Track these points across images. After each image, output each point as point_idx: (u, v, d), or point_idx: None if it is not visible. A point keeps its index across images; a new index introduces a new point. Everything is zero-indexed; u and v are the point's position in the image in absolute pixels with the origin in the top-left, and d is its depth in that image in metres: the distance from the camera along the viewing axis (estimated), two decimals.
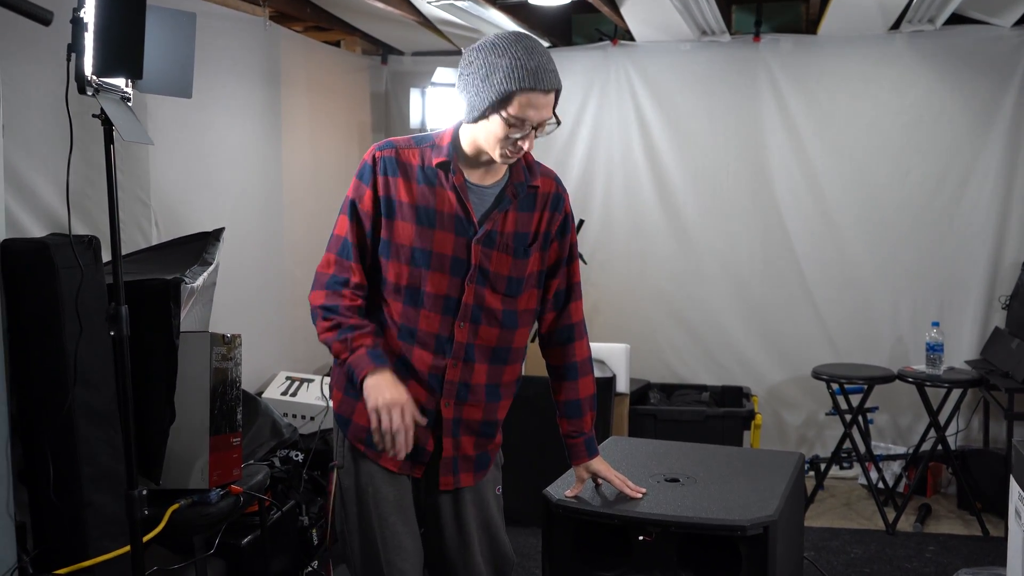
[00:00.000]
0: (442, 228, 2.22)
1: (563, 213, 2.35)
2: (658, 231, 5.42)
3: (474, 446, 2.34)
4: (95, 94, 2.13)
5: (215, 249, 3.09)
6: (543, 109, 2.10)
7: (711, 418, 4.75)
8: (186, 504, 2.73)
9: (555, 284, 2.40)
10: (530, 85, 2.04)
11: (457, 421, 2.29)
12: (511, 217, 2.26)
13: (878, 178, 5.13)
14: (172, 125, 3.65)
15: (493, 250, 2.24)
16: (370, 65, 5.66)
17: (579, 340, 2.43)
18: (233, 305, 4.00)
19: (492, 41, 2.10)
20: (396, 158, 2.21)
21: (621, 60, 5.38)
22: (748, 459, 2.88)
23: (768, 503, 2.38)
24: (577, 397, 2.42)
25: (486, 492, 2.39)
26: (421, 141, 2.26)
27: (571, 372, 2.43)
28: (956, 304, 5.07)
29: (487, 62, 2.07)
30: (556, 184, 2.35)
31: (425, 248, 2.21)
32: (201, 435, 2.80)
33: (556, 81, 2.10)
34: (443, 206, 2.21)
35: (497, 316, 2.28)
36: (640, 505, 2.38)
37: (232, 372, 2.96)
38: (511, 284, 2.28)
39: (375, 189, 2.21)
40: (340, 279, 2.23)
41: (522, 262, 2.29)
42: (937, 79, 5.02)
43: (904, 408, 5.14)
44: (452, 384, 2.27)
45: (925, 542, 4.32)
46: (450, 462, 2.31)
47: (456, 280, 2.23)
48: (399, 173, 2.21)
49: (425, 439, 2.27)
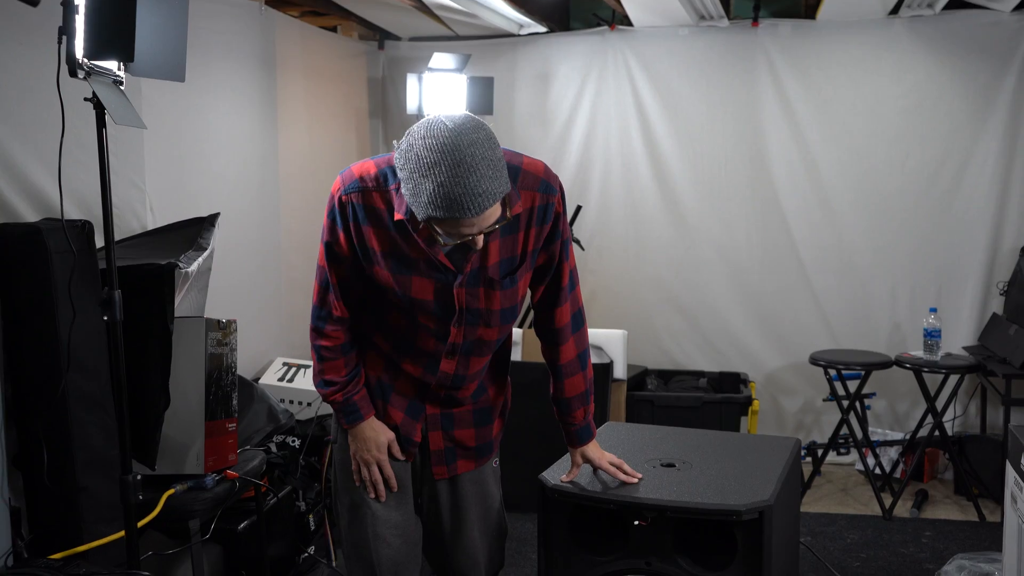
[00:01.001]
0: (419, 274, 2.10)
1: (552, 218, 2.14)
2: (656, 217, 5.41)
3: (475, 437, 2.34)
4: (86, 77, 2.12)
5: (210, 234, 3.08)
6: (482, 223, 1.91)
7: (708, 404, 4.75)
8: (181, 489, 2.73)
9: (541, 289, 2.30)
10: (456, 215, 1.84)
11: (447, 416, 2.29)
12: (494, 246, 2.10)
13: (876, 163, 5.11)
14: (167, 109, 3.63)
15: (478, 288, 2.14)
16: (367, 50, 5.63)
17: (564, 343, 2.34)
18: (229, 291, 3.99)
19: (417, 152, 1.85)
20: (363, 204, 2.06)
21: (619, 45, 5.36)
22: (744, 444, 2.87)
23: (764, 488, 2.38)
24: (564, 396, 2.38)
25: (483, 466, 2.40)
26: (388, 180, 2.06)
27: (557, 373, 2.38)
28: (954, 290, 5.07)
29: (413, 180, 1.86)
30: (541, 193, 2.11)
31: (406, 294, 2.13)
32: (196, 420, 2.79)
33: (489, 201, 1.85)
34: (416, 254, 2.08)
35: (491, 346, 2.27)
36: (636, 490, 2.37)
37: (227, 358, 2.96)
38: (504, 315, 2.22)
39: (348, 234, 2.10)
40: (323, 314, 2.22)
41: (511, 291, 2.19)
42: (936, 64, 5.00)
43: (901, 394, 5.15)
44: (437, 395, 2.28)
45: (921, 527, 4.32)
46: (442, 454, 2.30)
47: (443, 322, 2.17)
48: (368, 221, 2.07)
49: (412, 430, 2.27)
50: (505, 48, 5.53)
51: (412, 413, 2.28)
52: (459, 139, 1.83)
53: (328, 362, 2.22)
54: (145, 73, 2.28)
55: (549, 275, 2.26)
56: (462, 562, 2.36)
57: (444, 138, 1.83)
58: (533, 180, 2.11)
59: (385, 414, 2.28)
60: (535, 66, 5.49)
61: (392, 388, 2.28)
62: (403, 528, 2.29)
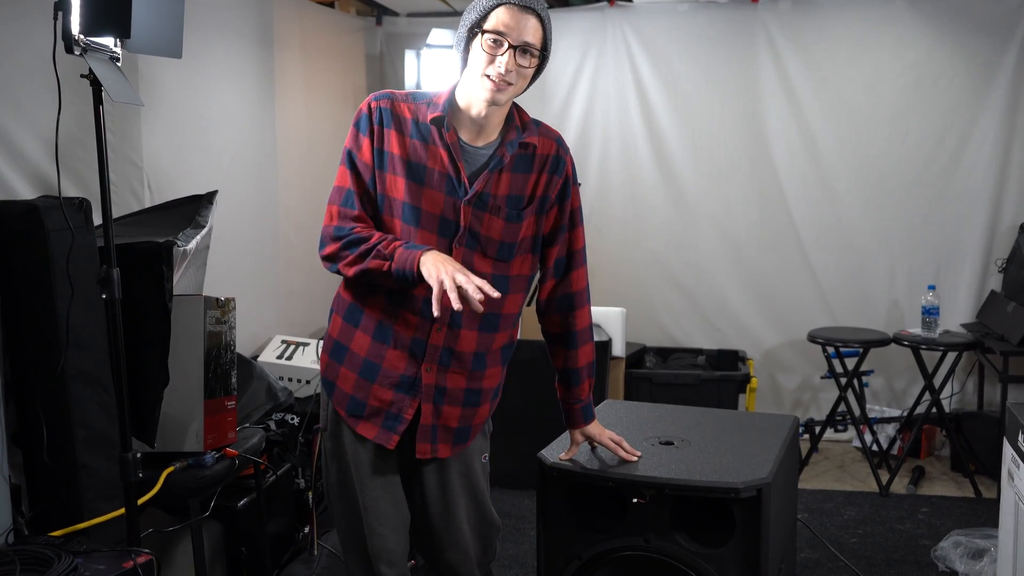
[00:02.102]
0: (431, 186, 2.17)
1: (564, 176, 2.28)
2: (654, 195, 5.40)
3: (459, 418, 2.30)
4: (83, 54, 2.10)
5: (208, 212, 3.06)
6: (523, 30, 2.09)
7: (706, 381, 4.76)
8: (181, 467, 2.72)
9: (554, 252, 2.34)
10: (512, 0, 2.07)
11: (439, 389, 2.26)
12: (505, 179, 2.20)
13: (876, 140, 5.10)
14: (164, 86, 3.61)
15: (484, 212, 2.20)
16: (364, 26, 5.59)
17: (580, 309, 2.38)
18: (228, 268, 3.98)
19: None
20: (392, 109, 2.18)
21: (618, 21, 5.33)
22: (743, 422, 2.88)
23: (762, 466, 2.39)
24: (576, 366, 2.40)
25: (472, 461, 2.37)
26: (418, 97, 2.22)
27: (571, 341, 2.39)
28: (952, 267, 5.07)
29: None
30: (557, 146, 2.28)
31: (415, 205, 2.17)
32: (195, 398, 2.78)
33: (538, 3, 2.11)
34: (434, 163, 2.17)
35: (487, 280, 2.23)
36: (634, 467, 2.38)
37: (226, 335, 2.95)
38: (502, 248, 2.24)
39: (372, 139, 2.18)
40: (343, 224, 2.18)
41: (515, 226, 2.23)
42: (936, 40, 4.98)
43: (899, 371, 5.16)
44: (435, 348, 2.23)
45: (918, 504, 4.35)
46: (428, 430, 2.26)
47: (444, 241, 2.19)
48: (392, 125, 2.17)
49: (404, 405, 2.25)
50: None
51: (404, 388, 2.24)
52: None
53: (367, 233, 2.15)
54: (142, 50, 2.26)
55: (562, 236, 2.32)
56: (453, 556, 2.35)
57: None
58: (550, 132, 2.31)
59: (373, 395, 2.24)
60: None
61: (379, 368, 2.23)
62: (393, 518, 2.29)
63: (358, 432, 2.27)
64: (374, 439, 2.26)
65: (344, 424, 2.29)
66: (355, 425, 2.27)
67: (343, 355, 2.29)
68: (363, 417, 2.26)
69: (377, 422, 2.26)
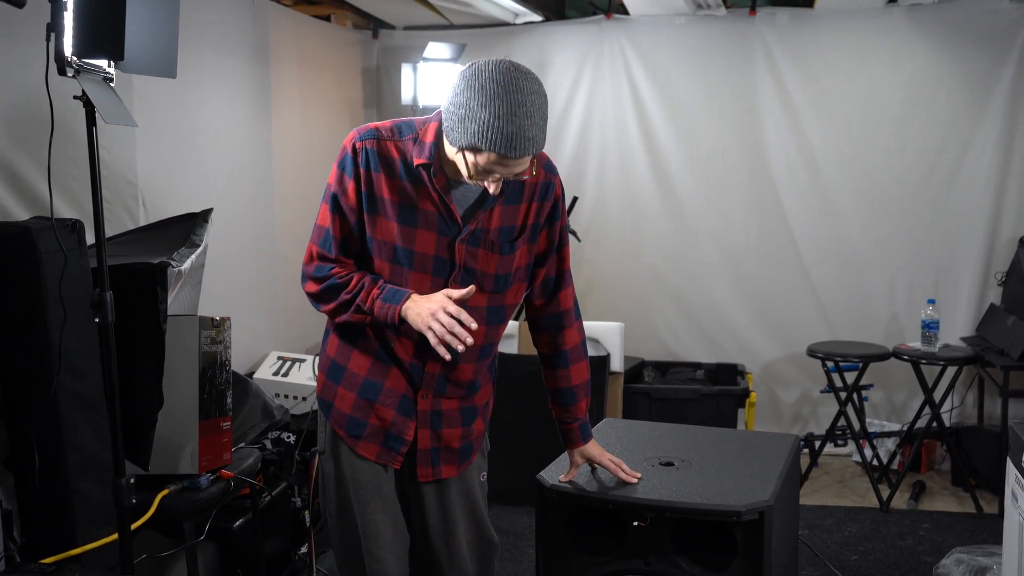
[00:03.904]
0: (424, 227, 2.13)
1: (552, 199, 2.24)
2: (652, 208, 5.37)
3: (460, 437, 2.30)
4: (75, 75, 2.08)
5: (203, 230, 3.04)
6: (514, 167, 1.99)
7: (705, 396, 4.73)
8: (176, 490, 2.70)
9: (543, 272, 2.32)
10: (500, 151, 1.92)
11: (436, 414, 2.26)
12: (497, 211, 2.16)
13: (875, 153, 5.08)
14: (159, 103, 3.59)
15: (479, 248, 2.17)
16: (361, 40, 5.57)
17: (569, 328, 2.38)
18: (224, 286, 3.96)
19: (482, 82, 1.92)
20: (378, 151, 2.10)
21: (615, 34, 5.31)
22: (744, 442, 2.85)
23: (764, 488, 2.36)
24: (569, 385, 2.39)
25: (471, 479, 2.36)
26: (403, 132, 2.13)
27: (562, 360, 2.38)
28: (952, 281, 5.04)
29: (468, 106, 1.92)
30: (545, 171, 2.21)
31: (407, 247, 2.14)
32: (190, 420, 2.76)
33: (532, 148, 1.95)
34: (425, 204, 2.12)
35: (482, 314, 2.22)
36: (635, 490, 2.35)
37: (221, 355, 2.92)
38: (498, 281, 2.22)
39: (358, 182, 2.12)
40: (322, 265, 2.18)
41: (508, 258, 2.21)
42: (935, 53, 4.96)
43: (899, 385, 5.13)
44: (432, 376, 2.24)
45: (919, 519, 4.32)
46: (428, 454, 2.26)
47: (439, 281, 2.17)
48: (381, 168, 2.10)
49: (404, 428, 2.24)
50: (500, 37, 5.47)
51: (404, 410, 2.24)
52: (527, 83, 1.94)
53: (345, 279, 2.14)
54: (136, 70, 2.24)
55: (550, 257, 2.31)
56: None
57: (513, 77, 1.93)
58: (540, 158, 2.19)
59: (375, 415, 2.24)
60: (531, 56, 5.40)
61: (381, 387, 2.23)
62: (392, 542, 2.26)
63: (359, 452, 2.25)
64: (376, 459, 2.25)
65: (343, 445, 2.26)
66: (355, 445, 2.25)
67: (341, 375, 2.27)
68: (363, 437, 2.25)
69: (377, 442, 2.25)
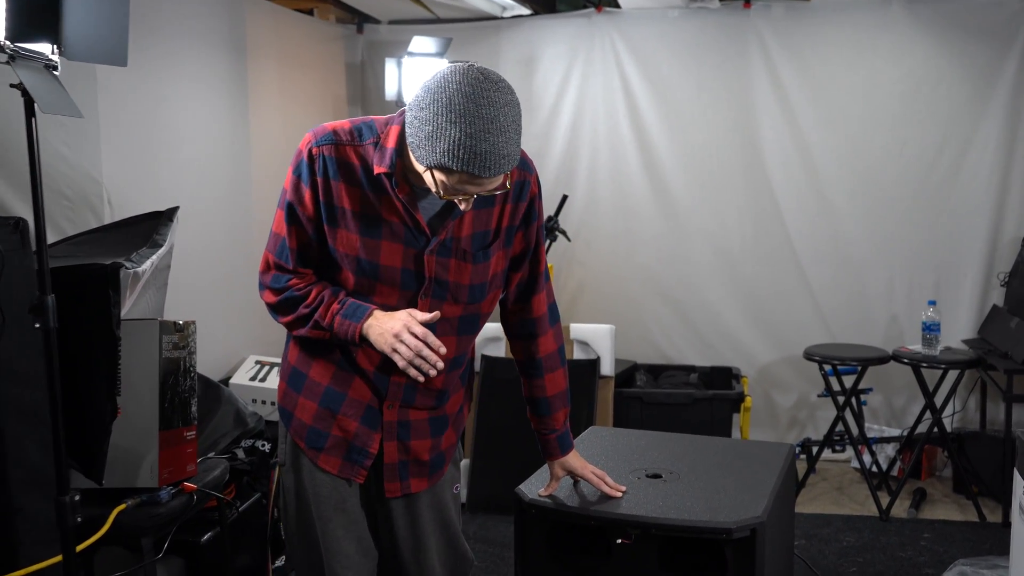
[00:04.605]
0: (390, 239, 1.98)
1: (528, 199, 2.08)
2: (645, 207, 5.26)
3: (430, 449, 2.17)
4: (10, 61, 1.92)
5: (167, 230, 2.89)
6: (488, 185, 1.83)
7: (699, 401, 4.59)
8: (133, 504, 2.55)
9: (517, 277, 2.19)
10: (472, 171, 1.75)
11: (403, 424, 2.13)
12: (468, 217, 2.00)
13: (873, 150, 4.97)
14: (126, 97, 3.45)
15: (450, 259, 2.02)
16: (344, 34, 5.44)
17: (543, 335, 2.23)
18: (199, 288, 3.84)
19: (450, 96, 1.74)
20: (336, 157, 1.94)
21: (606, 28, 5.20)
22: (736, 452, 2.72)
23: (756, 502, 2.24)
24: (544, 395, 2.25)
25: (443, 493, 2.23)
26: (364, 135, 1.96)
27: (536, 369, 2.25)
28: (953, 281, 4.92)
29: (436, 122, 1.74)
30: (519, 169, 2.03)
31: (372, 260, 1.99)
32: (150, 430, 2.61)
33: (507, 165, 1.78)
34: (389, 215, 1.96)
35: (454, 324, 2.09)
36: (619, 504, 2.24)
37: (186, 361, 2.78)
38: (474, 292, 2.07)
39: (315, 192, 1.96)
40: (279, 275, 2.05)
41: (483, 266, 2.06)
42: (935, 46, 4.84)
43: (899, 389, 5.01)
44: (399, 386, 2.10)
45: (920, 529, 4.17)
46: (395, 468, 2.13)
47: (407, 294, 2.02)
48: (340, 176, 1.94)
49: (368, 440, 2.11)
50: (488, 31, 5.37)
51: (369, 421, 2.11)
52: (498, 95, 1.76)
53: (304, 291, 2.01)
54: (81, 57, 2.08)
55: (526, 260, 2.17)
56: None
57: (484, 89, 1.75)
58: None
59: (337, 426, 2.11)
60: (519, 50, 5.33)
61: (344, 397, 2.10)
62: (355, 560, 2.13)
63: (320, 465, 2.12)
64: (338, 473, 2.12)
65: (304, 457, 2.14)
66: (316, 458, 2.13)
67: (301, 384, 2.15)
68: (324, 449, 2.12)
69: (339, 455, 2.12)
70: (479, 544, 4.00)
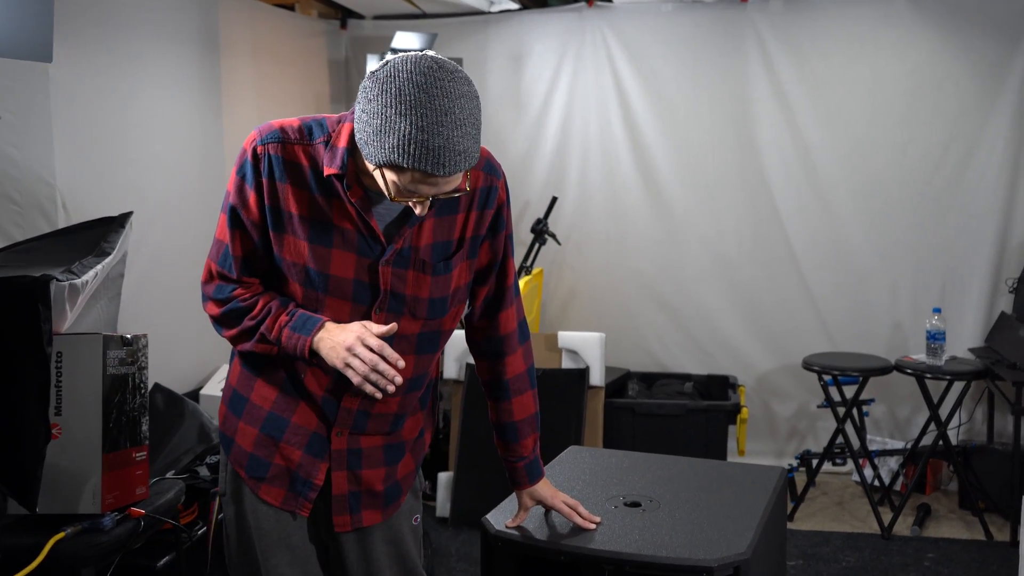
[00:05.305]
0: (341, 247, 1.80)
1: (495, 206, 1.92)
2: (638, 209, 5.11)
3: (383, 479, 1.99)
4: None
5: (118, 237, 2.71)
6: (443, 186, 1.66)
7: (693, 412, 4.41)
8: (73, 532, 2.38)
9: (484, 291, 2.01)
10: (424, 168, 1.59)
11: (354, 452, 1.95)
12: (428, 226, 1.84)
13: (876, 150, 4.79)
14: (82, 95, 3.27)
15: (407, 270, 1.84)
16: (327, 30, 5.29)
17: (511, 354, 2.05)
18: (168, 296, 3.70)
19: (399, 85, 1.58)
20: (283, 156, 1.78)
21: (597, 23, 5.06)
22: (723, 476, 2.53)
23: (741, 536, 2.05)
24: (512, 420, 2.07)
25: (400, 525, 2.05)
26: (314, 133, 1.80)
27: (503, 391, 2.06)
28: (959, 288, 4.75)
29: (385, 114, 1.58)
30: (487, 174, 1.88)
31: (321, 271, 1.81)
32: (92, 452, 2.44)
33: (464, 163, 1.62)
34: (341, 220, 1.80)
35: (412, 342, 1.91)
36: (592, 538, 2.05)
37: (135, 377, 2.60)
38: (433, 307, 1.90)
39: (260, 194, 1.79)
40: (223, 286, 1.88)
41: (444, 278, 1.88)
42: (940, 42, 4.67)
43: (902, 399, 4.83)
44: (348, 412, 1.92)
45: (924, 548, 3.98)
46: (344, 500, 1.96)
47: (360, 308, 1.84)
48: (287, 178, 1.78)
49: (313, 470, 1.93)
50: (475, 26, 5.23)
51: (314, 450, 1.93)
52: (454, 85, 1.60)
53: (250, 302, 1.85)
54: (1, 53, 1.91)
55: (493, 273, 1.99)
56: None
57: (436, 79, 1.59)
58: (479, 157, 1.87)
59: (279, 454, 1.93)
60: (508, 46, 5.19)
61: (287, 423, 1.93)
62: None
63: (261, 496, 1.95)
64: (281, 505, 1.95)
65: (245, 487, 1.97)
66: (257, 488, 1.95)
67: (242, 407, 1.97)
68: (265, 479, 1.95)
69: (282, 485, 1.95)
70: (462, 562, 3.83)
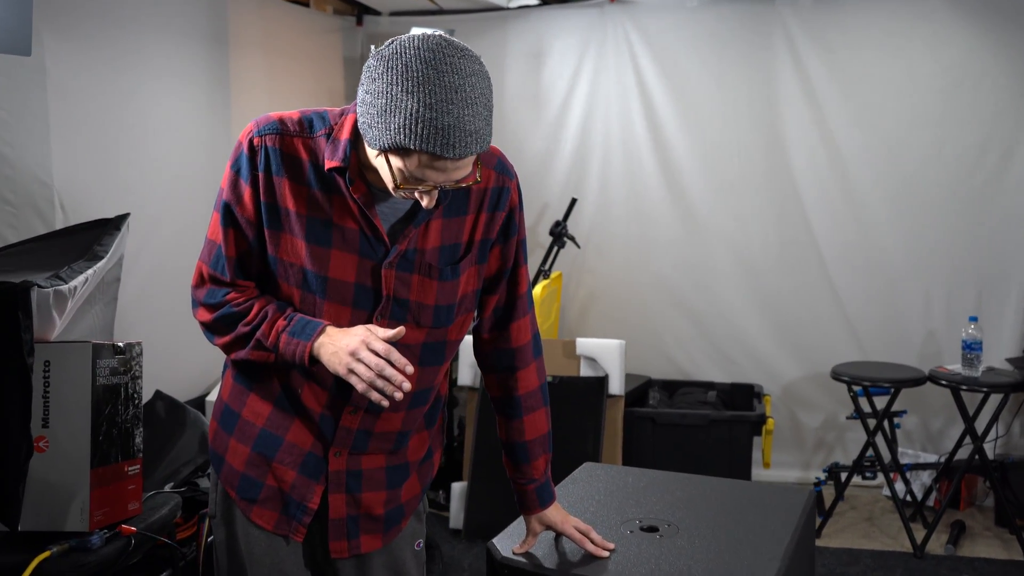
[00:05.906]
0: (341, 248, 1.69)
1: (507, 209, 1.81)
2: (661, 211, 5.00)
3: (385, 502, 1.87)
4: None
5: (112, 240, 2.60)
6: (453, 173, 1.55)
7: (716, 422, 4.25)
8: (59, 551, 2.26)
9: (493, 300, 1.89)
10: (434, 150, 1.48)
11: (353, 475, 1.83)
12: (435, 226, 1.73)
13: (909, 152, 4.65)
14: (82, 92, 3.17)
15: (412, 274, 1.73)
16: (343, 26, 5.20)
17: (524, 368, 1.93)
18: (174, 300, 3.55)
19: (406, 62, 1.48)
20: (281, 149, 1.67)
21: (619, 19, 4.96)
22: (747, 498, 2.38)
23: (766, 568, 1.90)
24: (523, 439, 1.94)
25: (401, 551, 1.93)
26: (315, 126, 1.70)
27: (514, 408, 1.94)
28: (997, 295, 4.58)
29: (390, 93, 1.48)
30: (498, 173, 1.79)
31: (320, 273, 1.70)
32: (80, 466, 2.33)
33: (475, 145, 1.51)
34: (343, 219, 1.69)
35: (415, 352, 1.78)
36: (605, 567, 1.92)
37: (128, 387, 2.49)
38: (439, 314, 1.78)
39: (255, 189, 1.68)
40: (215, 290, 1.76)
41: (451, 284, 1.77)
42: (977, 38, 4.52)
43: (936, 411, 4.66)
44: (348, 432, 1.80)
45: (958, 568, 3.80)
46: (342, 524, 1.84)
47: (361, 313, 1.72)
48: (284, 171, 1.68)
49: (307, 493, 1.82)
50: (493, 22, 5.13)
51: (309, 471, 1.81)
52: (464, 63, 1.51)
53: (244, 307, 1.73)
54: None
55: (503, 281, 1.87)
56: None
57: (446, 55, 1.50)
58: (489, 157, 1.79)
59: (272, 475, 1.82)
60: (527, 43, 5.08)
61: (280, 441, 1.81)
62: None
63: (253, 520, 1.84)
64: (274, 529, 1.83)
65: (236, 509, 1.85)
66: (248, 511, 1.84)
67: (233, 424, 1.85)
68: (257, 501, 1.83)
69: (275, 508, 1.83)
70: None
